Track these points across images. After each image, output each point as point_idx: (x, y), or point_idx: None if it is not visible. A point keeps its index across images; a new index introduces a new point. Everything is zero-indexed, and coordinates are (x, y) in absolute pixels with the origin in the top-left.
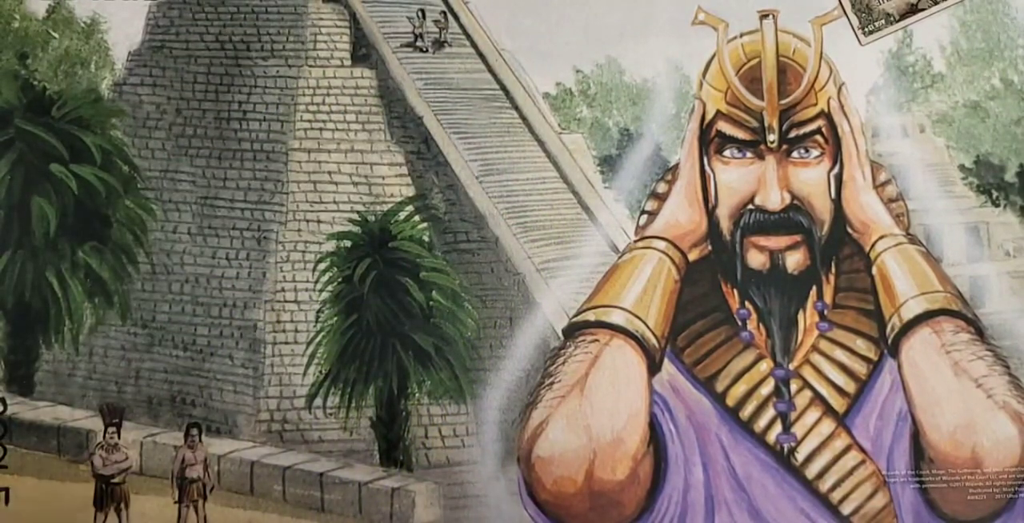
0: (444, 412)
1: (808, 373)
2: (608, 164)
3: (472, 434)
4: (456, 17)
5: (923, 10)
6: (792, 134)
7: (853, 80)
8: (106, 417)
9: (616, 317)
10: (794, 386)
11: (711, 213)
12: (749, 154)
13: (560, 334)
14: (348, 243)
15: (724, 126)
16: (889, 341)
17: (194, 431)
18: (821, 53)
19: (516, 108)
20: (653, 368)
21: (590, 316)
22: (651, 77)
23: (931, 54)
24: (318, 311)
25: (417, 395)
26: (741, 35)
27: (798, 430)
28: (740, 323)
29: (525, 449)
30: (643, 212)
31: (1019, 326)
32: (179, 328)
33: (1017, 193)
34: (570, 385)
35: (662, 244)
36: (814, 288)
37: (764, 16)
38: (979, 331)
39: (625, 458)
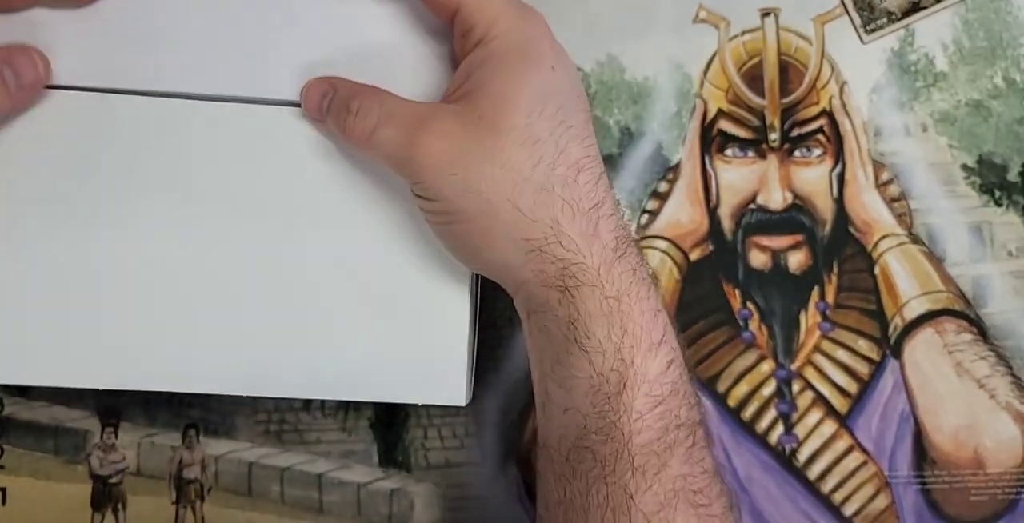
0: (443, 413)
1: (810, 374)
2: (609, 163)
3: (472, 435)
4: None
5: (925, 8)
6: (794, 133)
7: (855, 79)
8: (103, 417)
9: None
10: (796, 387)
11: (712, 213)
12: (751, 153)
13: None
14: None
15: (726, 125)
16: (891, 341)
17: (192, 432)
18: (823, 51)
19: None
20: None
21: None
22: (652, 75)
23: (933, 53)
24: None
25: None
26: (743, 33)
27: (800, 431)
28: (742, 323)
29: (525, 450)
30: (644, 211)
31: (1022, 326)
32: None
33: (1020, 193)
34: None
35: (663, 244)
36: (816, 288)
37: (765, 14)
38: (982, 331)
39: None
